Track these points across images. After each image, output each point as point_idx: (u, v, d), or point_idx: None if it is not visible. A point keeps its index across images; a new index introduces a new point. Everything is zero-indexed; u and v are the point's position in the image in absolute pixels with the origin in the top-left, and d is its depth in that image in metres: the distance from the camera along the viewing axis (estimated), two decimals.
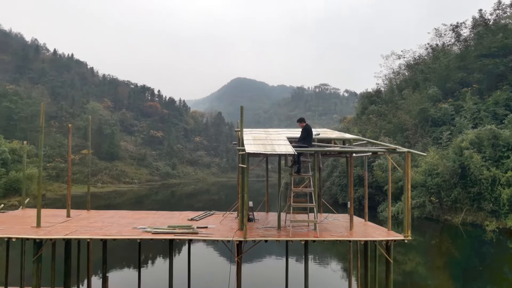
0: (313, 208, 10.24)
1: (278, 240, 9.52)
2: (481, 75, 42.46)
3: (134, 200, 56.68)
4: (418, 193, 33.50)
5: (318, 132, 11.56)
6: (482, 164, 29.73)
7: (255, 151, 9.40)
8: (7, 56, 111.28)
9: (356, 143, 11.50)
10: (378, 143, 11.05)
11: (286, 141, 10.67)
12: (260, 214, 13.37)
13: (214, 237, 9.41)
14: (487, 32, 45.22)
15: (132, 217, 12.51)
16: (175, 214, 13.26)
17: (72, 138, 76.04)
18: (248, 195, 9.22)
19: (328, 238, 9.52)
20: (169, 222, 11.10)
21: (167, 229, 9.92)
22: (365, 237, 9.80)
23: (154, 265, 18.92)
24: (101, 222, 11.20)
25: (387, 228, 10.85)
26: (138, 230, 9.95)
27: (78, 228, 10.14)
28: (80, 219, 11.94)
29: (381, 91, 61.85)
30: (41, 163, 11.27)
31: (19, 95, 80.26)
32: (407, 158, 9.61)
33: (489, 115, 36.24)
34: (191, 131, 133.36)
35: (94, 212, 13.81)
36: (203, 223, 11.30)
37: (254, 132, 12.09)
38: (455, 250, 23.79)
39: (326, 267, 19.69)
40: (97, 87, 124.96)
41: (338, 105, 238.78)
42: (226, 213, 12.95)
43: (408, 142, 42.94)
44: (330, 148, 10.75)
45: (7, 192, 41.21)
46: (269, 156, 11.43)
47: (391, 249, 9.81)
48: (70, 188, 13.80)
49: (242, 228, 9.40)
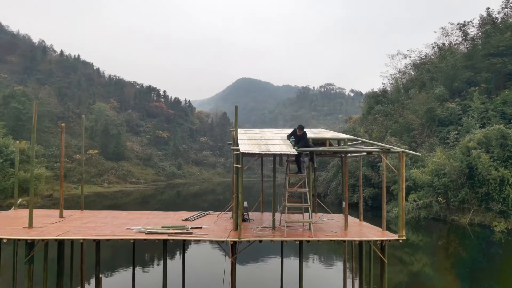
0: (308, 208, 10.22)
1: (273, 241, 9.46)
2: (489, 74, 42.00)
3: (140, 200, 56.94)
4: (425, 193, 33.23)
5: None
6: (490, 164, 29.38)
7: (249, 151, 9.39)
8: (15, 57, 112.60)
9: (351, 143, 11.43)
10: (373, 143, 10.98)
11: (281, 141, 10.64)
12: (255, 214, 13.34)
13: (208, 237, 9.36)
14: (495, 31, 44.71)
15: (126, 217, 12.44)
16: (169, 214, 13.19)
17: (78, 139, 76.77)
18: (242, 195, 9.20)
19: (323, 238, 9.51)
20: (163, 223, 11.06)
21: (160, 230, 9.85)
22: (360, 237, 9.76)
23: (148, 266, 18.69)
24: (95, 223, 11.14)
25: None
26: (132, 231, 9.91)
27: (71, 229, 10.05)
28: (73, 219, 11.82)
29: (387, 90, 61.48)
30: (34, 163, 11.27)
31: (27, 96, 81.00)
32: (401, 158, 9.63)
33: (497, 115, 35.82)
34: (196, 131, 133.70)
35: (87, 212, 13.70)
36: (198, 223, 11.25)
37: (249, 132, 12.08)
38: (463, 250, 23.54)
39: (322, 267, 19.53)
40: (103, 87, 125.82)
41: (343, 105, 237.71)
42: (221, 213, 12.92)
43: (415, 142, 42.60)
44: (325, 148, 10.71)
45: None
46: (264, 156, 11.40)
47: (386, 249, 9.77)
48: (62, 188, 13.61)
49: (237, 229, 9.37)
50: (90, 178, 77.28)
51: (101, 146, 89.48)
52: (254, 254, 19.82)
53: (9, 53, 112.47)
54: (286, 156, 10.35)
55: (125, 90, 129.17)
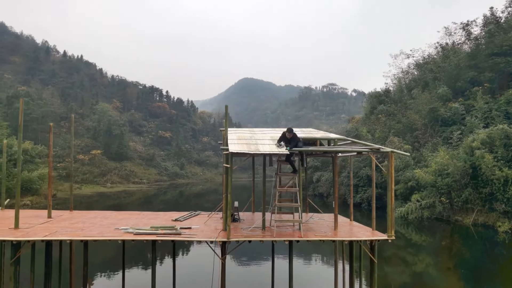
0: (298, 208, 10.24)
1: (262, 241, 9.41)
2: (492, 74, 41.81)
3: (143, 200, 57.08)
4: (428, 193, 33.11)
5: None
6: (494, 164, 29.24)
7: (239, 151, 9.33)
8: (19, 58, 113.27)
9: (341, 143, 11.44)
10: (363, 143, 10.99)
11: (271, 140, 10.60)
12: (246, 214, 13.33)
13: (198, 237, 9.28)
14: (499, 30, 44.50)
15: (115, 217, 12.30)
16: (159, 214, 13.10)
17: (81, 139, 76.98)
18: (232, 195, 9.13)
19: (312, 238, 9.48)
20: (152, 223, 10.95)
21: (149, 230, 9.74)
22: (350, 237, 9.77)
23: (138, 266, 18.38)
24: (83, 223, 10.99)
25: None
26: (120, 231, 9.79)
27: (58, 229, 9.90)
28: (62, 220, 11.65)
29: (390, 90, 61.29)
30: (20, 162, 11.08)
31: (30, 96, 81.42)
32: (390, 157, 9.67)
33: (501, 115, 35.64)
34: (199, 132, 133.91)
35: (76, 212, 13.54)
36: (187, 223, 11.16)
37: (239, 132, 12.08)
38: (466, 251, 23.44)
39: (312, 266, 19.39)
40: (106, 88, 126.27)
41: (346, 105, 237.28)
42: (211, 213, 12.89)
43: (418, 142, 42.47)
44: (315, 148, 10.69)
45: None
46: (254, 156, 11.38)
47: (376, 248, 9.77)
48: (50, 187, 13.17)
49: (226, 229, 9.32)
50: (93, 178, 77.57)
51: (104, 146, 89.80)
52: (245, 254, 19.78)
53: (12, 53, 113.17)
54: (278, 156, 10.32)
55: (127, 90, 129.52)
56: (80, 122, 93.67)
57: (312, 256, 21.35)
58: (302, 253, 21.08)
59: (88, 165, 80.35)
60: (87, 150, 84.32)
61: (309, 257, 20.98)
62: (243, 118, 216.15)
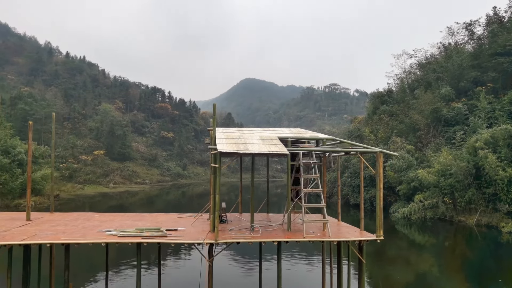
0: (323, 208, 10.24)
1: (250, 242, 9.22)
2: (495, 73, 41.63)
3: (146, 201, 57.17)
4: (431, 193, 33.00)
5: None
6: (498, 165, 29.10)
7: (227, 150, 9.23)
8: (22, 59, 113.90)
9: (330, 143, 11.45)
10: (352, 143, 11.02)
11: (260, 140, 10.56)
12: (233, 216, 13.25)
13: (184, 240, 9.04)
14: (502, 30, 44.29)
15: (98, 219, 12.03)
16: (145, 216, 12.87)
17: (84, 139, 77.13)
18: (220, 195, 9.09)
19: (300, 239, 9.42)
20: (137, 225, 10.72)
21: (134, 232, 9.48)
22: (338, 237, 9.71)
23: (122, 270, 17.60)
24: (64, 226, 10.65)
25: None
26: (104, 234, 9.52)
27: (37, 232, 9.51)
28: (41, 222, 11.32)
29: (392, 90, 61.09)
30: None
31: (33, 97, 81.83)
32: (379, 157, 9.68)
33: (505, 114, 35.49)
34: (201, 132, 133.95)
35: (58, 214, 13.17)
36: (173, 225, 10.97)
37: (228, 131, 12.03)
38: (470, 252, 23.33)
39: (301, 267, 19.28)
40: (108, 88, 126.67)
41: (348, 105, 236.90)
42: (197, 214, 12.77)
43: (421, 142, 42.35)
44: (304, 148, 10.70)
45: (23, 192, 42.00)
46: (243, 156, 11.35)
47: (364, 249, 9.76)
48: (29, 188, 12.49)
49: (214, 230, 9.19)
50: (95, 179, 77.77)
51: (107, 146, 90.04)
52: (232, 255, 19.57)
53: (16, 55, 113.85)
54: (301, 157, 10.35)
55: (130, 91, 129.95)
56: (83, 122, 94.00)
57: (300, 256, 21.27)
58: (289, 253, 20.92)
59: (91, 165, 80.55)
60: (89, 151, 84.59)
61: (297, 258, 20.92)
62: (245, 118, 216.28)
